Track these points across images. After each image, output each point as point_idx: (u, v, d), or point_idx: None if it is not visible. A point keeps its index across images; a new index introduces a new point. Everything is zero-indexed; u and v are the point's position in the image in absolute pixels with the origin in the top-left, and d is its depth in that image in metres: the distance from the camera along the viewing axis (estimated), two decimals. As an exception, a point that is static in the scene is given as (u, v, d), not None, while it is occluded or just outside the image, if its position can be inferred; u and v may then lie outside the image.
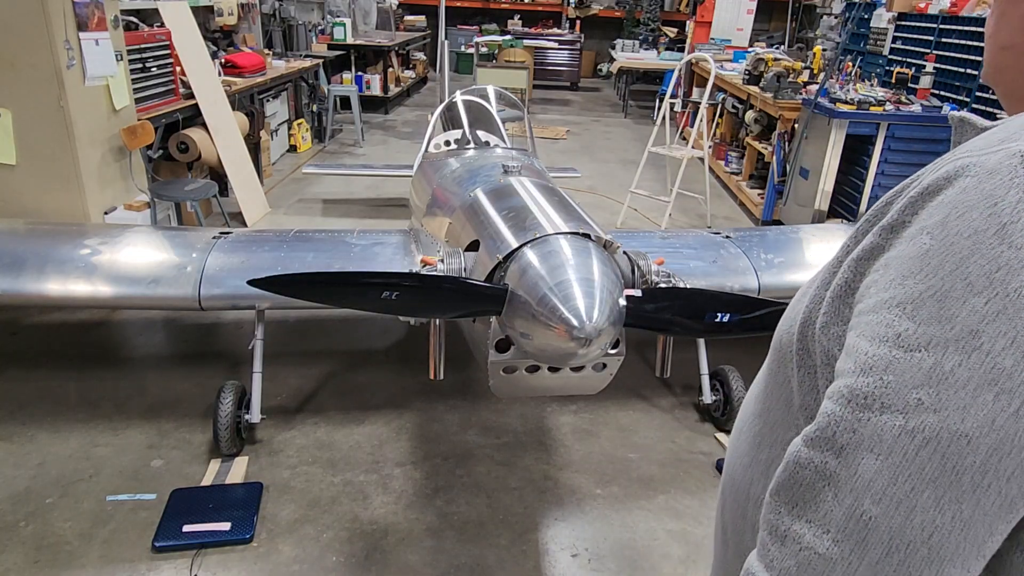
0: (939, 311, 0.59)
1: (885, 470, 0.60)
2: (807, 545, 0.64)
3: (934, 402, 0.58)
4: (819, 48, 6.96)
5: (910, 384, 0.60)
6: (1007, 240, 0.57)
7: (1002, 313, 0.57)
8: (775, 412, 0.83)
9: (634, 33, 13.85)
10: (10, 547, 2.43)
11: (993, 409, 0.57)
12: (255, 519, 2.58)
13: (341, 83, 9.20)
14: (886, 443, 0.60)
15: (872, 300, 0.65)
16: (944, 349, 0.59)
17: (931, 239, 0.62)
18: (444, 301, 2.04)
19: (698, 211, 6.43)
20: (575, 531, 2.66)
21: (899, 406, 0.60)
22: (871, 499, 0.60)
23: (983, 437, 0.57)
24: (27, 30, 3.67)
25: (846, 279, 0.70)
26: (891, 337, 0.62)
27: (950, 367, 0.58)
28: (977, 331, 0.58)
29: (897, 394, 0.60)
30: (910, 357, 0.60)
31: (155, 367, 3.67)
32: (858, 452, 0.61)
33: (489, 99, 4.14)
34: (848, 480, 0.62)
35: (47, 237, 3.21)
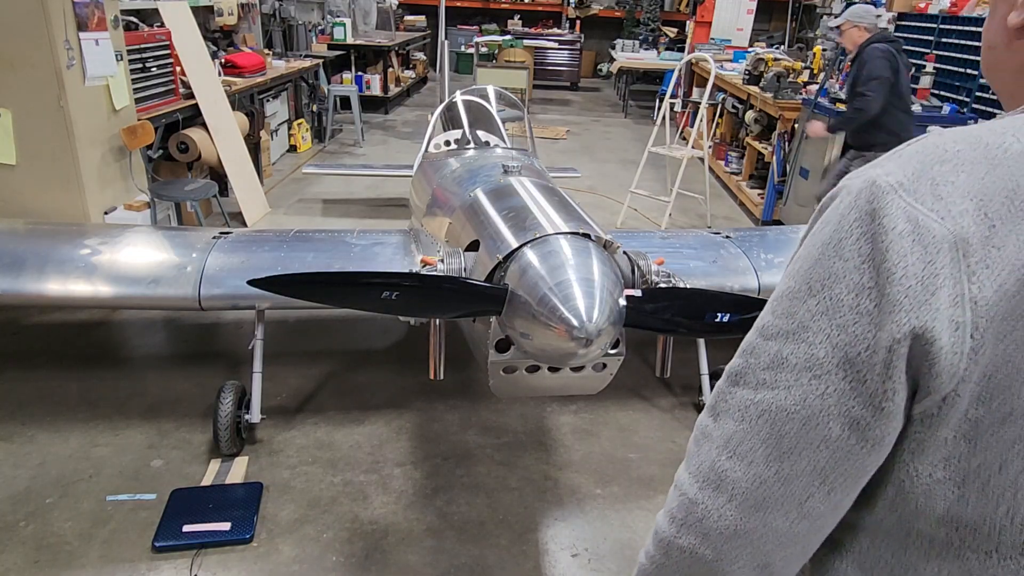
0: (789, 308, 0.72)
1: (738, 432, 0.74)
2: (684, 491, 0.78)
3: (772, 381, 0.72)
4: (819, 48, 6.96)
5: (761, 366, 0.73)
6: (840, 253, 0.68)
7: (825, 313, 0.69)
8: None
9: (634, 33, 13.85)
10: (10, 547, 2.43)
11: (807, 389, 0.69)
12: (255, 519, 2.58)
13: (341, 83, 9.20)
14: (740, 412, 0.74)
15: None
16: (785, 339, 0.71)
17: (802, 248, 0.74)
18: (444, 301, 2.04)
19: (698, 211, 6.43)
20: (575, 531, 2.66)
21: (752, 382, 0.74)
22: (727, 454, 0.74)
23: (798, 412, 0.70)
24: (27, 30, 3.67)
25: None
26: (759, 327, 0.75)
27: (785, 354, 0.71)
28: (806, 326, 0.70)
29: (753, 373, 0.74)
30: (765, 344, 0.73)
31: (155, 367, 3.67)
32: (725, 417, 0.76)
33: (489, 99, 4.14)
34: (716, 438, 0.76)
35: (47, 237, 3.21)
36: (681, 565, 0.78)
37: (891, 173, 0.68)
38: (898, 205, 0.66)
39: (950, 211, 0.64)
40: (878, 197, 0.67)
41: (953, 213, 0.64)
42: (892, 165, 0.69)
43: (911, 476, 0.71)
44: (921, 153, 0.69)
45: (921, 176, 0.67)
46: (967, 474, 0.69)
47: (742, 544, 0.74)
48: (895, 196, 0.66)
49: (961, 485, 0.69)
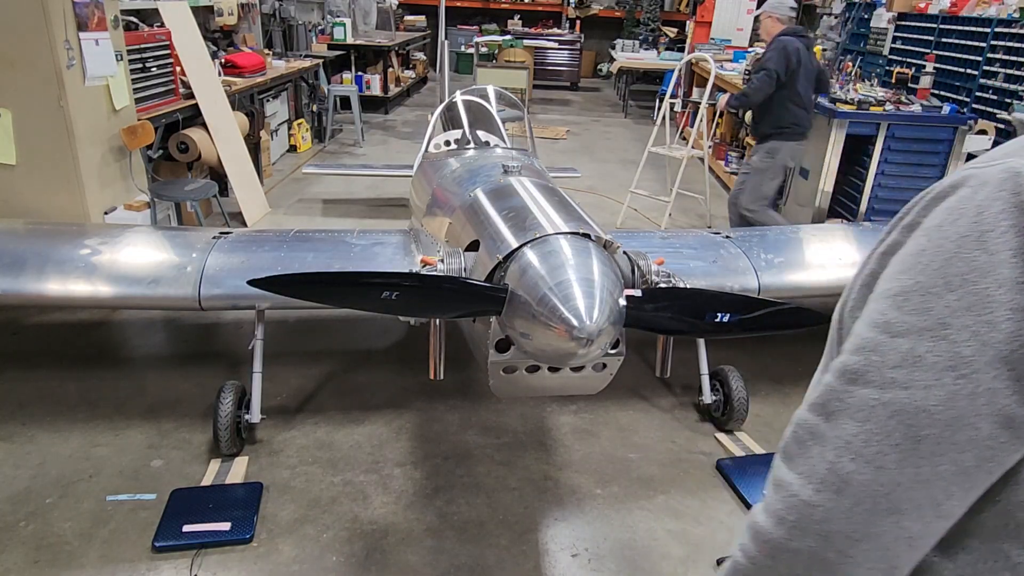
0: (921, 303, 0.69)
1: (861, 434, 0.70)
2: (794, 492, 0.74)
3: (905, 380, 0.68)
4: (819, 48, 6.96)
5: (889, 364, 0.70)
6: (984, 246, 0.66)
7: (969, 309, 0.66)
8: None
9: (634, 33, 13.85)
10: (10, 547, 2.43)
11: (951, 389, 0.66)
12: (255, 519, 2.58)
13: (341, 83, 9.20)
14: (864, 412, 0.70)
15: (878, 290, 0.75)
16: (920, 336, 0.68)
17: (927, 240, 0.71)
18: (444, 301, 2.04)
19: (698, 211, 6.43)
20: (575, 531, 2.66)
21: (877, 381, 0.70)
22: (849, 457, 0.71)
23: (941, 413, 0.67)
24: (27, 30, 3.67)
25: (871, 270, 0.79)
26: (881, 323, 0.72)
27: (921, 351, 0.68)
28: (946, 322, 0.67)
29: (878, 372, 0.70)
30: (893, 341, 0.70)
31: (155, 367, 3.67)
32: (842, 417, 0.72)
33: (489, 99, 4.14)
34: (832, 440, 0.72)
35: (47, 237, 3.21)
36: (794, 567, 0.75)
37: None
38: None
39: None
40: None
41: None
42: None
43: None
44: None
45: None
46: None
47: (871, 547, 0.71)
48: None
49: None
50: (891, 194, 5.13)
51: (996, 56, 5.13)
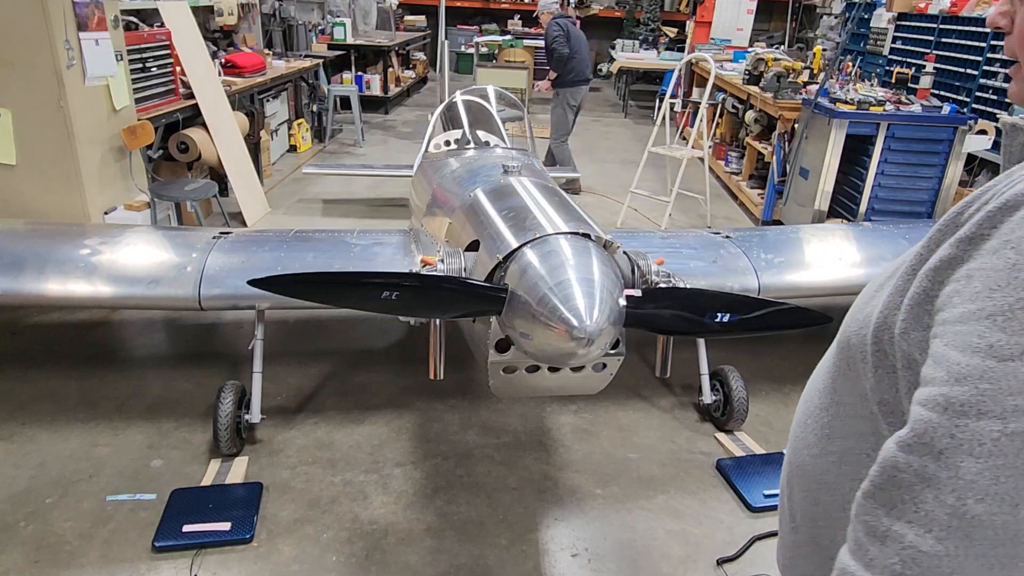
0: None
1: (987, 471, 0.64)
2: (910, 544, 0.67)
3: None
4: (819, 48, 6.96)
5: (1006, 391, 0.64)
6: None
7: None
8: (847, 407, 0.87)
9: (634, 33, 13.85)
10: (10, 547, 2.43)
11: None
12: (255, 519, 2.58)
13: (341, 83, 9.20)
14: (986, 446, 0.64)
15: (958, 311, 0.69)
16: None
17: (1016, 253, 0.66)
18: (444, 301, 2.04)
19: (698, 211, 6.43)
20: (575, 531, 2.66)
21: (997, 412, 0.64)
22: (974, 497, 0.64)
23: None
24: (27, 30, 3.67)
25: (924, 288, 0.74)
26: (983, 347, 0.66)
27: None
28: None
29: (994, 401, 0.64)
30: (1004, 367, 0.64)
31: (155, 367, 3.67)
32: (957, 455, 0.65)
33: (489, 99, 4.14)
34: (950, 481, 0.65)
35: (47, 237, 3.21)
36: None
37: None
38: None
39: None
40: None
41: None
42: None
43: None
44: None
45: None
46: None
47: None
48: None
49: None
50: (891, 194, 5.13)
51: (996, 56, 5.13)
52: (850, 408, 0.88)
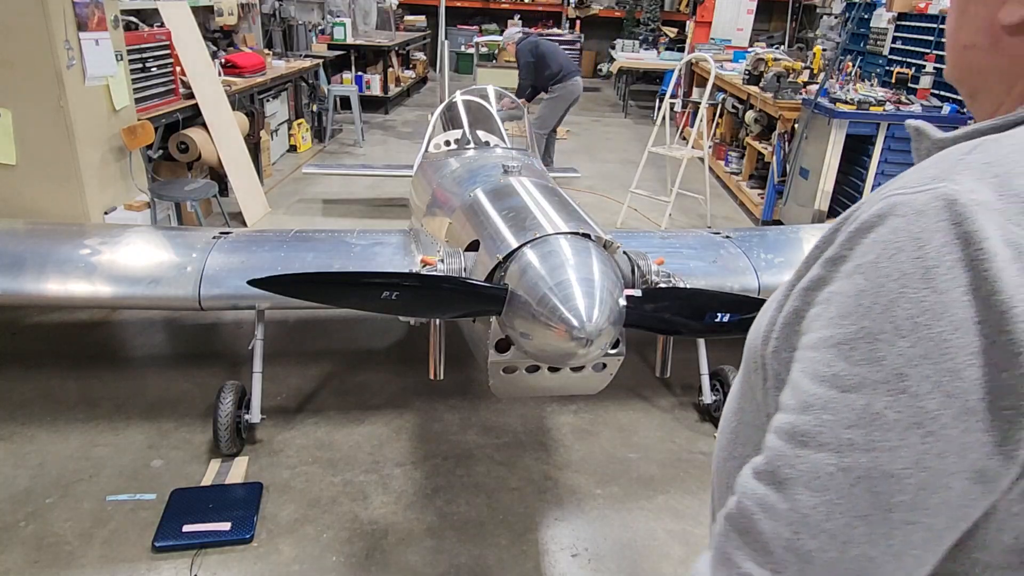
0: (870, 353, 0.61)
1: (821, 506, 0.62)
2: (747, 571, 0.66)
3: (865, 442, 0.61)
4: (819, 48, 6.96)
5: (844, 424, 0.62)
6: (931, 284, 0.59)
7: (926, 357, 0.59)
8: (748, 412, 0.86)
9: (634, 33, 13.85)
10: (10, 547, 2.43)
11: (919, 450, 0.59)
12: (255, 519, 2.58)
13: (341, 83, 9.20)
14: (822, 480, 0.62)
15: (814, 336, 0.67)
16: (874, 391, 0.61)
17: (864, 279, 0.63)
18: (444, 301, 2.04)
19: (698, 211, 6.43)
20: (575, 531, 2.66)
21: (833, 445, 0.62)
22: (808, 533, 0.63)
23: (911, 477, 0.60)
24: (27, 30, 3.67)
25: (795, 307, 0.72)
26: (828, 377, 0.64)
27: (879, 408, 0.60)
28: (903, 374, 0.59)
29: (832, 433, 0.62)
30: (844, 398, 0.62)
31: (155, 367, 3.67)
32: (796, 487, 0.64)
33: (489, 99, 4.15)
34: (787, 514, 0.64)
35: (47, 237, 3.21)
36: None
37: (972, 191, 0.60)
38: (993, 227, 0.59)
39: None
40: (967, 218, 0.59)
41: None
42: (967, 179, 0.62)
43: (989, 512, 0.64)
44: (994, 165, 0.63)
45: (1006, 192, 0.61)
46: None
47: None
48: (987, 216, 0.59)
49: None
50: (891, 194, 5.12)
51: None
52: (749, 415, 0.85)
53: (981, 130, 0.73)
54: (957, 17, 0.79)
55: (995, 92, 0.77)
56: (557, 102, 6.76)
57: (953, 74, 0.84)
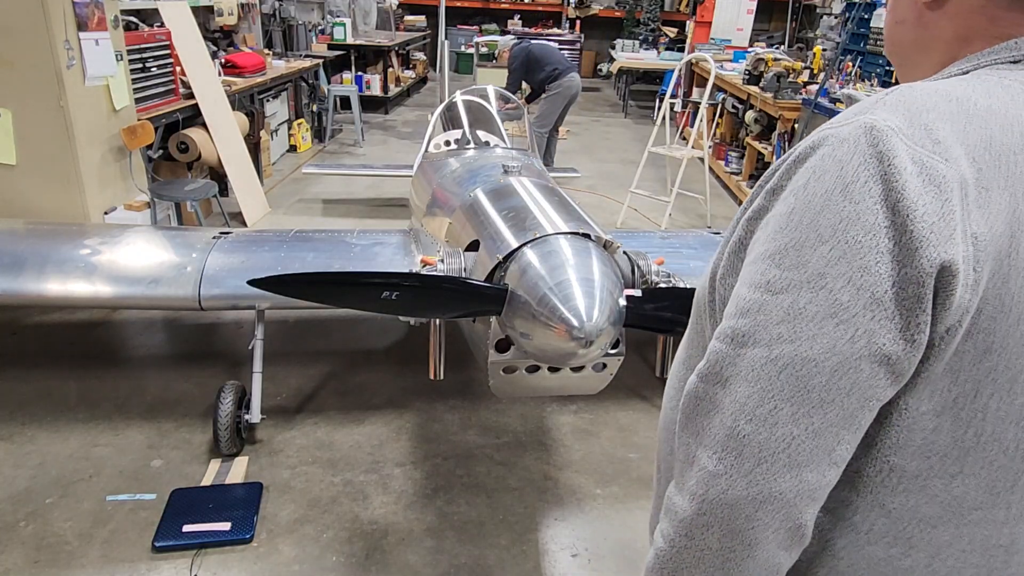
0: (797, 258, 0.70)
1: (755, 394, 0.70)
2: (702, 466, 0.73)
3: (790, 334, 0.69)
4: (819, 48, 6.97)
5: (774, 321, 0.70)
6: (849, 197, 0.68)
7: (842, 257, 0.67)
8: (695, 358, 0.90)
9: (634, 33, 13.85)
10: (10, 547, 2.43)
11: (833, 336, 0.68)
12: (255, 519, 2.58)
13: (341, 83, 9.20)
14: (755, 371, 0.70)
15: (753, 253, 0.76)
16: (799, 289, 0.69)
17: (795, 199, 0.72)
18: (444, 301, 2.04)
19: (698, 211, 6.43)
20: (575, 531, 2.66)
21: (765, 340, 0.70)
22: (745, 419, 0.71)
23: (826, 360, 0.68)
24: (27, 30, 3.67)
25: (739, 236, 0.80)
26: (762, 283, 0.72)
27: (803, 304, 0.69)
28: (823, 273, 0.68)
29: (764, 330, 0.70)
30: (775, 299, 0.70)
31: (155, 367, 3.67)
32: (736, 381, 0.72)
33: (489, 99, 4.15)
34: (729, 405, 0.72)
35: (47, 237, 3.21)
36: (709, 542, 0.73)
37: (887, 119, 0.69)
38: (903, 147, 0.67)
39: (950, 154, 0.68)
40: (881, 140, 0.68)
41: (953, 156, 0.68)
42: (883, 112, 0.71)
43: (899, 410, 0.73)
44: (905, 102, 0.72)
45: (914, 122, 0.70)
46: (945, 405, 0.73)
47: (776, 507, 0.70)
48: (898, 139, 0.68)
49: (939, 415, 0.73)
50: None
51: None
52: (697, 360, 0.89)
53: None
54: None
55: (918, 62, 0.89)
56: (555, 100, 6.78)
57: (888, 48, 0.95)
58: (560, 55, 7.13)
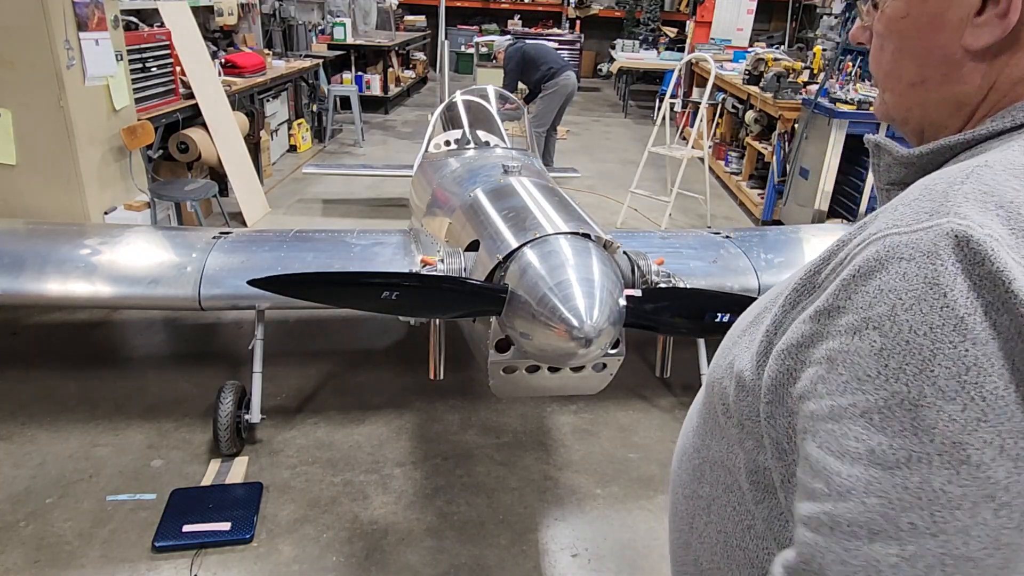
0: (913, 421, 0.54)
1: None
2: None
3: (929, 525, 0.53)
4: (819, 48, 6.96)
5: (899, 507, 0.54)
6: (969, 336, 0.52)
7: (983, 420, 0.52)
8: (713, 451, 0.82)
9: (634, 33, 13.85)
10: (10, 547, 2.43)
11: (995, 526, 0.53)
12: (255, 519, 2.58)
13: (341, 83, 9.20)
14: (884, 573, 0.55)
15: (826, 403, 0.59)
16: (929, 464, 0.53)
17: (881, 336, 0.55)
18: (444, 301, 2.04)
19: (698, 211, 6.43)
20: (575, 531, 2.66)
21: (891, 532, 0.54)
22: None
23: (991, 557, 0.53)
24: (27, 30, 3.67)
25: (787, 368, 0.64)
26: (864, 453, 0.56)
27: (939, 485, 0.53)
28: (960, 442, 0.52)
29: (886, 519, 0.55)
30: (892, 476, 0.54)
31: (155, 367, 3.67)
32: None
33: (489, 99, 4.15)
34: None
35: (47, 237, 3.21)
36: None
37: (984, 225, 0.55)
38: (1015, 264, 0.53)
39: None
40: (987, 257, 0.53)
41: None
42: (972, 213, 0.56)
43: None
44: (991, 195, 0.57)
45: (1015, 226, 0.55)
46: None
47: None
48: (1005, 251, 0.53)
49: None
50: (891, 194, 5.12)
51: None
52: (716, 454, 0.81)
53: (949, 146, 0.70)
54: (893, 56, 0.74)
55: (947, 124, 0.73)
56: (552, 98, 6.79)
57: (895, 114, 0.78)
58: (555, 54, 7.15)
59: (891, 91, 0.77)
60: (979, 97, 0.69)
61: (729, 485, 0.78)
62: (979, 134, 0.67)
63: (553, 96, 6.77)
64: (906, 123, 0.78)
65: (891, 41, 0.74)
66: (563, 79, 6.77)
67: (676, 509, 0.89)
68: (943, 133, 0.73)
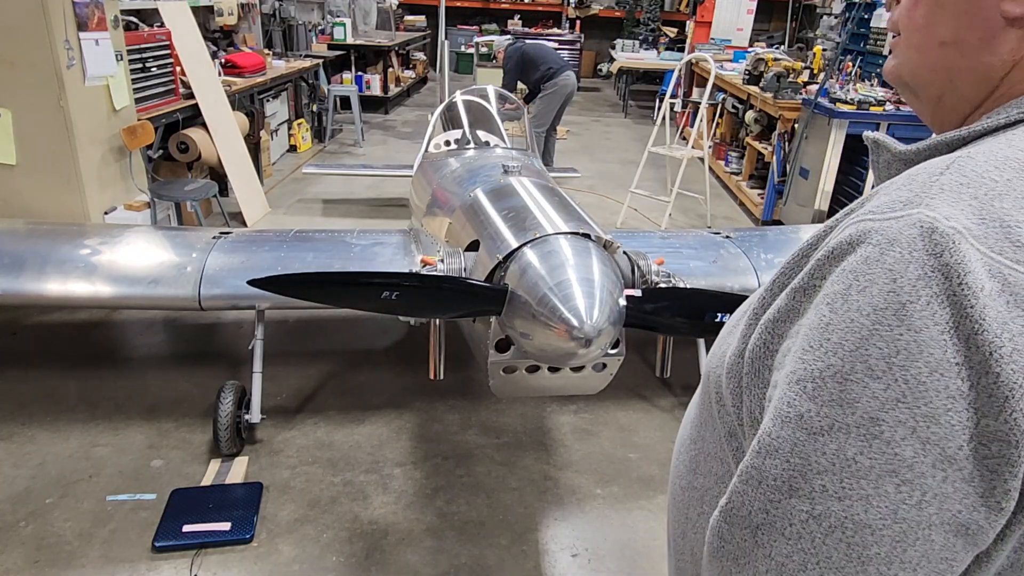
0: (840, 393, 0.57)
1: (795, 554, 0.59)
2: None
3: (838, 489, 0.57)
4: (819, 48, 6.96)
5: (815, 469, 0.58)
6: (906, 322, 0.54)
7: (900, 401, 0.54)
8: (708, 443, 0.83)
9: (634, 33, 13.85)
10: (10, 547, 2.43)
11: (894, 499, 0.55)
12: (255, 519, 2.58)
13: (341, 83, 9.20)
14: (795, 527, 0.59)
15: (782, 372, 0.63)
16: (846, 435, 0.56)
17: (831, 312, 0.58)
18: (444, 301, 2.04)
19: (698, 211, 6.43)
20: (575, 531, 2.66)
21: (805, 491, 0.58)
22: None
23: (887, 528, 0.56)
24: (27, 30, 3.67)
25: (764, 341, 0.67)
26: (794, 417, 0.59)
27: (852, 454, 0.56)
28: (877, 418, 0.55)
29: (803, 478, 0.58)
30: (814, 441, 0.58)
31: (155, 367, 3.67)
32: (771, 533, 0.61)
33: (489, 99, 4.15)
34: (763, 560, 0.61)
35: (47, 237, 3.21)
36: None
37: (950, 216, 0.55)
38: (976, 257, 0.54)
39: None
40: (947, 248, 0.54)
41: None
42: (942, 205, 0.56)
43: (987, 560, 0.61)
44: (969, 184, 0.58)
45: (985, 217, 0.56)
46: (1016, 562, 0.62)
47: None
48: (968, 246, 0.54)
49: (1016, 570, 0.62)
50: (891, 194, 5.12)
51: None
52: (710, 446, 0.82)
53: (946, 142, 0.68)
54: (930, 10, 0.70)
55: (968, 97, 0.71)
56: (551, 98, 6.79)
57: (918, 75, 0.74)
58: (555, 54, 7.15)
59: (917, 49, 0.73)
60: (1003, 73, 0.67)
61: (721, 476, 0.79)
62: (974, 131, 0.67)
63: (553, 96, 6.76)
64: (926, 86, 0.75)
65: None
66: (563, 79, 6.76)
67: (674, 500, 0.91)
68: (962, 105, 0.71)
